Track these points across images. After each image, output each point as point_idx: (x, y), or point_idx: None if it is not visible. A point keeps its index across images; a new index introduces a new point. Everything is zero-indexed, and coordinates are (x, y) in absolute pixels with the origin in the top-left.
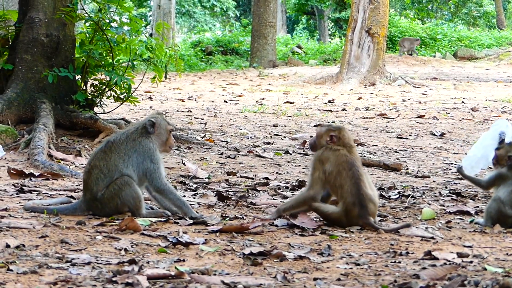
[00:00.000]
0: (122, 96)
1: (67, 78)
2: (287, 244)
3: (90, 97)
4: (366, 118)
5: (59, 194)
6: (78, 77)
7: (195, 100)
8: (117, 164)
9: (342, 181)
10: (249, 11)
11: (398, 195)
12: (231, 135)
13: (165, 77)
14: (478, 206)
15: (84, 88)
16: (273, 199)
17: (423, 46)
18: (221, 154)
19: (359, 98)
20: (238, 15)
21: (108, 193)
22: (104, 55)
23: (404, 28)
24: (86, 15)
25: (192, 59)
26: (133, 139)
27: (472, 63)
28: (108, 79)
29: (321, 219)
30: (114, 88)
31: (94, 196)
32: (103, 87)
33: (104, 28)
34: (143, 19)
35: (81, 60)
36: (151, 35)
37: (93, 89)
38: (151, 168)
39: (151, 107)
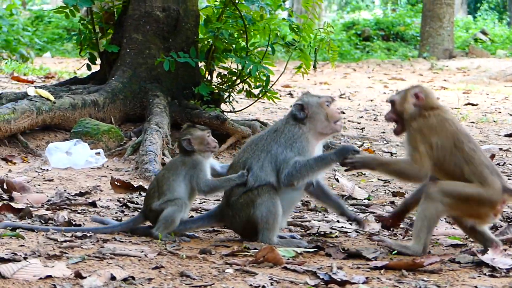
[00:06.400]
0: (256, 91)
1: (188, 66)
2: (472, 286)
3: (217, 91)
4: None
5: None
6: (201, 64)
7: (349, 99)
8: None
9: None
10: None
11: None
12: (397, 145)
13: (314, 67)
14: None
15: (209, 78)
16: None
17: None
18: None
19: None
20: None
21: (244, 199)
22: (236, 36)
23: None
24: None
25: (344, 46)
26: (274, 130)
27: None
28: (240, 67)
29: None
30: (247, 80)
31: (227, 202)
32: (234, 78)
33: (237, 1)
34: None
35: (206, 42)
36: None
37: (220, 81)
38: (296, 160)
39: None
